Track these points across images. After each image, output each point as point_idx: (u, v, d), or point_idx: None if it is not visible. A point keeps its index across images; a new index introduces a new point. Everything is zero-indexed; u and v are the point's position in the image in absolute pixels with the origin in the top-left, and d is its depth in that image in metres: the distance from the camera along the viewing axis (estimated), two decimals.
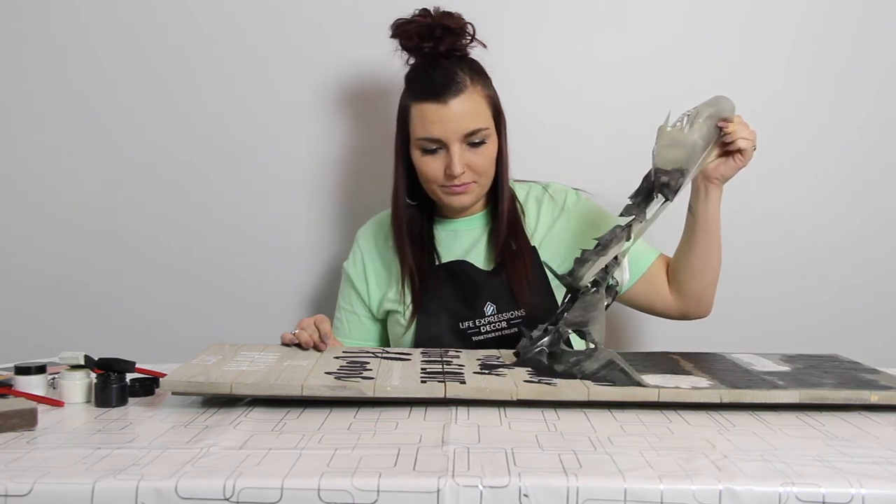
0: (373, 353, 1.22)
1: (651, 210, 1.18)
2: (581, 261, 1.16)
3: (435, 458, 0.79)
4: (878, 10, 1.66)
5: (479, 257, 1.41)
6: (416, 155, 1.35)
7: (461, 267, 1.40)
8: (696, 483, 0.74)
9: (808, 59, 1.66)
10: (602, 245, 1.16)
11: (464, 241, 1.43)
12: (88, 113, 1.69)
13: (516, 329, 1.35)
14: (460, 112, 1.31)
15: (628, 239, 1.18)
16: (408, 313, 1.40)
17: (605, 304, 1.20)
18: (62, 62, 1.68)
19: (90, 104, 1.69)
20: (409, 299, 1.40)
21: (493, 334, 1.37)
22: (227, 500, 0.72)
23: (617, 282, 1.23)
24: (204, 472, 0.76)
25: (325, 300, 1.71)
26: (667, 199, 1.16)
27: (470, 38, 1.37)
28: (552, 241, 1.42)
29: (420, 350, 1.26)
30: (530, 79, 1.66)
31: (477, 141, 1.33)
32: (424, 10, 1.36)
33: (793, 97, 1.66)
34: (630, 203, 1.19)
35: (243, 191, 1.71)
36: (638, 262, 1.40)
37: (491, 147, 1.36)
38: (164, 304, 1.73)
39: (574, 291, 1.19)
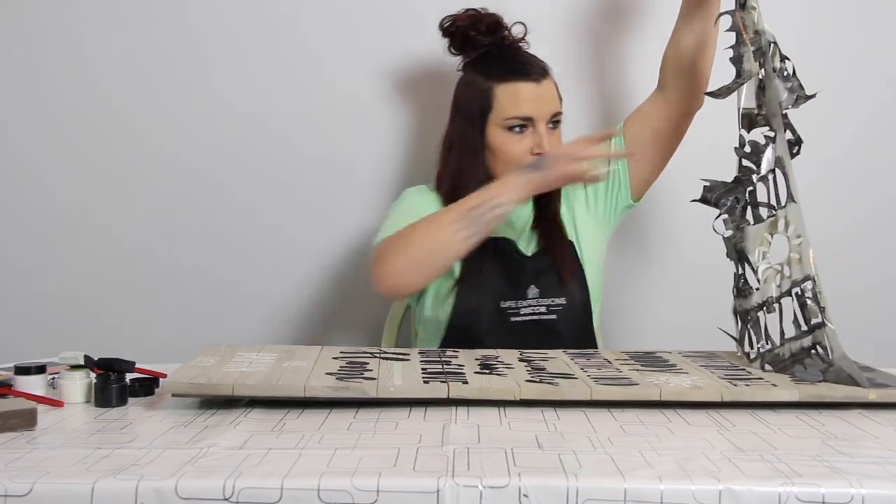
0: (371, 353, 1.22)
1: None
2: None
3: (435, 458, 0.79)
4: (880, 11, 1.66)
5: (523, 241, 1.41)
6: (500, 135, 1.34)
7: (508, 246, 1.39)
8: (696, 483, 0.73)
9: (808, 59, 1.65)
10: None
11: (513, 222, 1.41)
12: (91, 115, 1.68)
13: (555, 315, 1.35)
14: (549, 93, 1.34)
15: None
16: (452, 282, 1.37)
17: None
18: (66, 65, 1.67)
19: (94, 105, 1.68)
20: (457, 270, 1.37)
21: (532, 317, 1.36)
22: (226, 500, 0.72)
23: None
24: (204, 472, 0.76)
25: (324, 301, 1.71)
26: None
27: (520, 37, 1.40)
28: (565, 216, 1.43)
29: (418, 350, 1.26)
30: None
31: (555, 122, 1.35)
32: (472, 9, 1.39)
33: None
34: None
35: (241, 192, 1.70)
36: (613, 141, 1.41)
37: (560, 131, 1.38)
38: (164, 304, 1.73)
39: None
